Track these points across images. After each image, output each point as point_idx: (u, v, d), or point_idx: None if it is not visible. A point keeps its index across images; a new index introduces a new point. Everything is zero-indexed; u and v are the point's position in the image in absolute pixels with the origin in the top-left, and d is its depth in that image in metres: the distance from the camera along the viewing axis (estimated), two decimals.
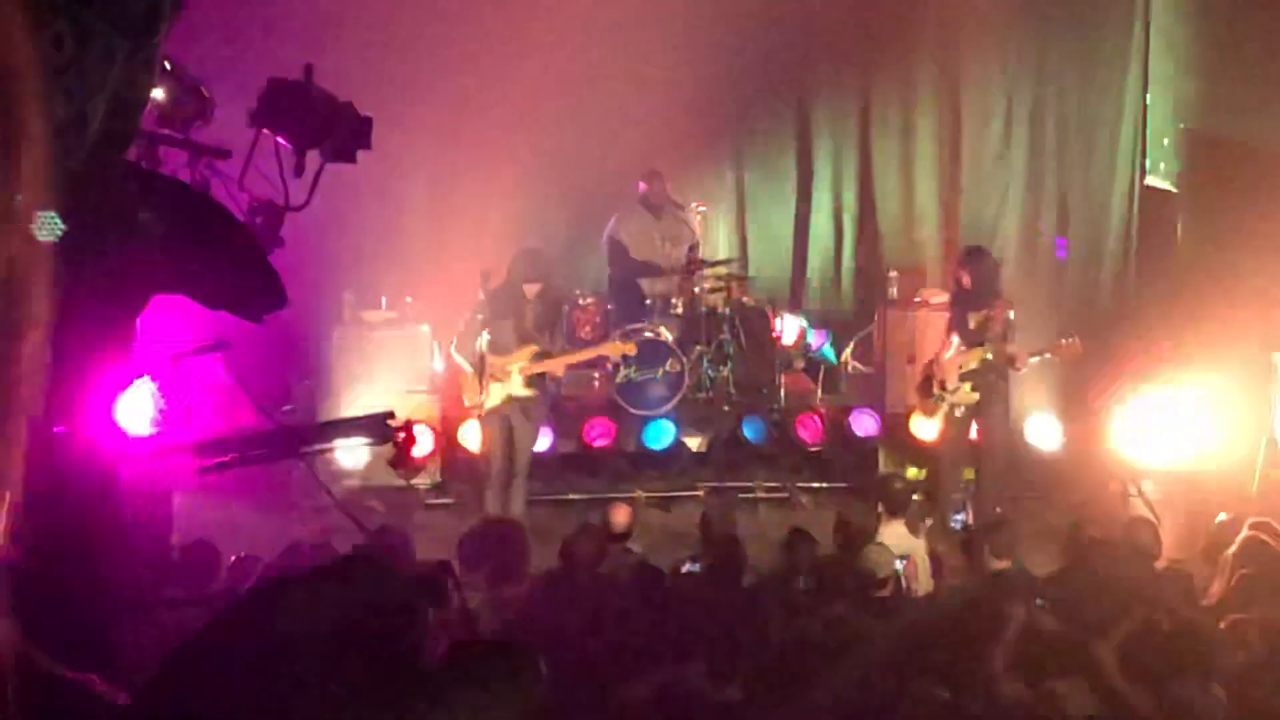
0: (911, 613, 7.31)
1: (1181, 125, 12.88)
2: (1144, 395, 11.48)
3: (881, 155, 14.34)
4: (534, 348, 10.06)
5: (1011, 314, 10.39)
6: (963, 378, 10.25)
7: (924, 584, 8.32)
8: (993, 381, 10.24)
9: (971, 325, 10.25)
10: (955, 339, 10.34)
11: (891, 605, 7.54)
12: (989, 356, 10.16)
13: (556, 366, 10.33)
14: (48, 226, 0.94)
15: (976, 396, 10.22)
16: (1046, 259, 13.88)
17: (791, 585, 7.72)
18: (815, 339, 13.28)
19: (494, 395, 10.08)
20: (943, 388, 10.32)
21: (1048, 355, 10.21)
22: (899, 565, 8.16)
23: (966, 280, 10.34)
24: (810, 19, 13.85)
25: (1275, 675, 6.16)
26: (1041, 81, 13.90)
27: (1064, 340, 10.16)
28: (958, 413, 10.33)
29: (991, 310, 10.21)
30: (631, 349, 11.22)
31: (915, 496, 10.11)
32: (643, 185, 12.61)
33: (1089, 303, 13.23)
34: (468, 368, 10.18)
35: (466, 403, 10.37)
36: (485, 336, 10.02)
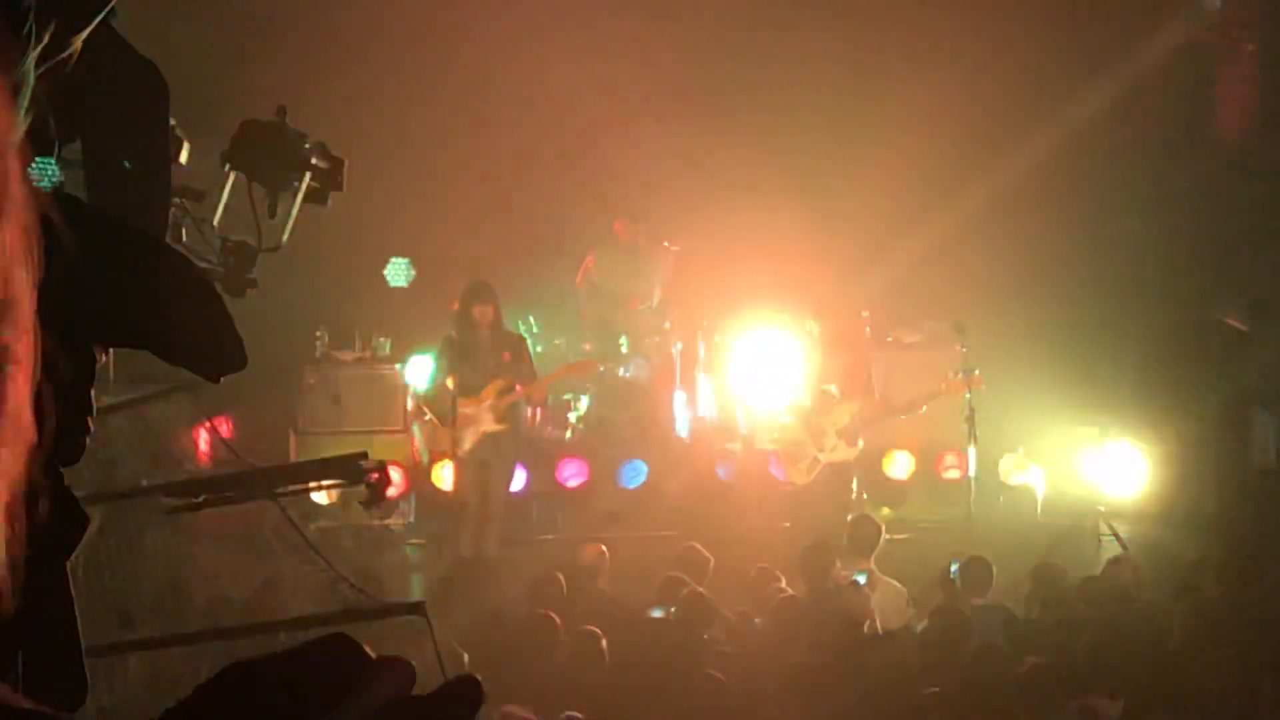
0: (880, 653, 7.27)
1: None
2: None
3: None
4: (500, 382, 10.05)
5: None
6: (839, 434, 10.14)
7: (891, 611, 8.26)
8: (860, 432, 10.18)
9: (838, 377, 10.17)
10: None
11: (859, 644, 7.50)
12: (856, 409, 10.10)
13: (526, 394, 10.30)
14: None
15: (855, 451, 10.13)
16: (1015, 298, 13.92)
17: (756, 626, 7.68)
18: None
19: (466, 440, 10.04)
20: (821, 449, 10.17)
21: (944, 389, 10.15)
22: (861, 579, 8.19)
23: (859, 330, 10.23)
24: (781, 63, 13.91)
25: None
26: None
27: (951, 376, 10.11)
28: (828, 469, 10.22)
29: (856, 358, 10.21)
30: (596, 366, 11.18)
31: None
32: (620, 224, 12.61)
33: (1060, 345, 13.24)
34: (437, 420, 10.14)
35: (442, 448, 10.33)
36: (451, 383, 9.97)
